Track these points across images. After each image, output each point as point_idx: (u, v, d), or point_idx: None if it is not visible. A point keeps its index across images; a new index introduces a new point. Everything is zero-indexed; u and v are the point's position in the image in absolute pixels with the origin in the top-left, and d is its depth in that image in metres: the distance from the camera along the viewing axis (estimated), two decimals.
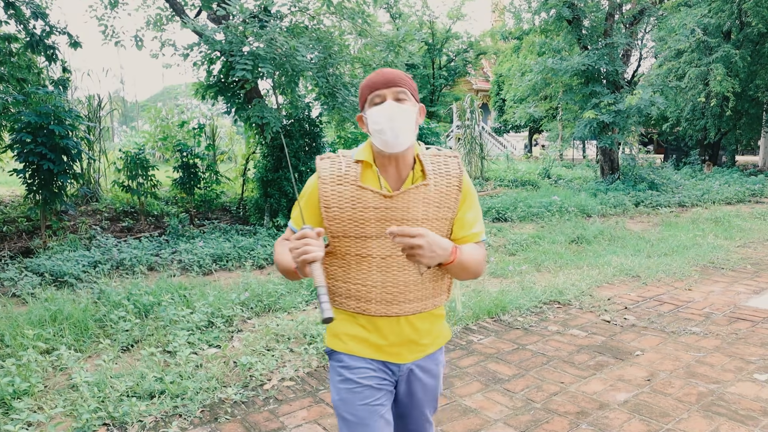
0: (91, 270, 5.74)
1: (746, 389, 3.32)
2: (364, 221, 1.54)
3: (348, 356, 1.62)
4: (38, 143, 6.58)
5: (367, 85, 1.54)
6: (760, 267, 6.45)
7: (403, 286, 1.58)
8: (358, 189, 1.54)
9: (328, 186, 1.56)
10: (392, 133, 1.47)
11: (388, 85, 1.51)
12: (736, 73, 16.44)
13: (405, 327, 1.62)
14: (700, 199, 12.22)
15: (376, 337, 1.61)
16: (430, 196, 1.56)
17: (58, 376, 3.47)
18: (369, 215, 1.54)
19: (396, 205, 1.54)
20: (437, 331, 1.70)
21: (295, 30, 7.93)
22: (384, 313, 1.59)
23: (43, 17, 8.01)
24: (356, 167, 1.57)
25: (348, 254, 1.58)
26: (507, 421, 3.00)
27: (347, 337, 1.63)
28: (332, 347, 1.66)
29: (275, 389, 3.38)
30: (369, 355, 1.61)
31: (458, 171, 1.62)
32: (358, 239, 1.56)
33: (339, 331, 1.65)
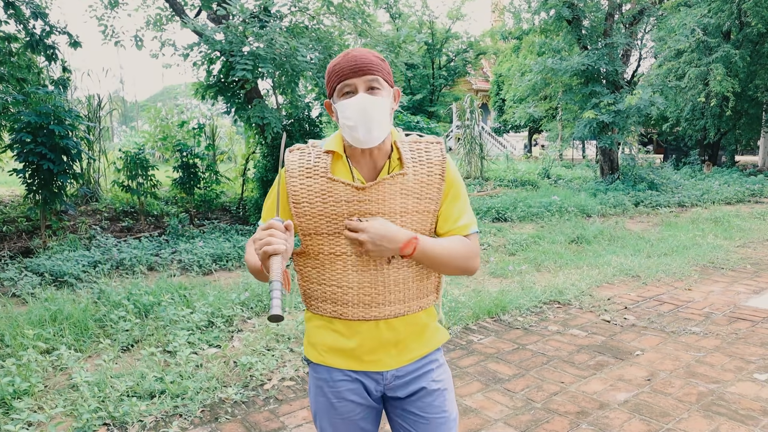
0: (91, 270, 5.74)
1: (746, 389, 3.33)
2: (336, 216, 1.41)
3: (325, 368, 1.51)
4: (38, 143, 6.58)
5: (334, 72, 1.38)
6: (759, 267, 6.45)
7: (383, 287, 1.44)
8: (328, 181, 1.41)
9: (296, 180, 1.43)
10: (364, 129, 1.34)
11: (359, 73, 1.35)
12: (736, 73, 16.45)
13: (385, 332, 1.46)
14: (700, 199, 12.23)
15: (354, 344, 1.46)
16: (408, 186, 1.42)
17: (58, 375, 3.47)
18: (341, 209, 1.40)
19: (370, 198, 1.40)
20: (426, 335, 1.53)
21: (295, 30, 7.93)
22: (362, 316, 1.45)
23: (42, 17, 8.01)
24: (326, 158, 1.43)
25: (321, 253, 1.45)
26: (507, 420, 3.00)
27: (324, 348, 1.51)
28: (309, 357, 1.55)
29: (275, 389, 3.38)
30: (347, 367, 1.48)
31: (440, 158, 1.46)
32: (331, 236, 1.42)
33: (315, 341, 1.53)
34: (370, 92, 1.36)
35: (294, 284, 4.74)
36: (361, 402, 1.51)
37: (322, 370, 1.52)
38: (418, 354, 1.51)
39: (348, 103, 1.35)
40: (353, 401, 1.50)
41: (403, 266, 1.45)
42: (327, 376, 1.51)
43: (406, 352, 1.50)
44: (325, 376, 1.51)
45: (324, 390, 1.51)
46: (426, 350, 1.53)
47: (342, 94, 1.38)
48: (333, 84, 1.39)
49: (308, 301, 1.53)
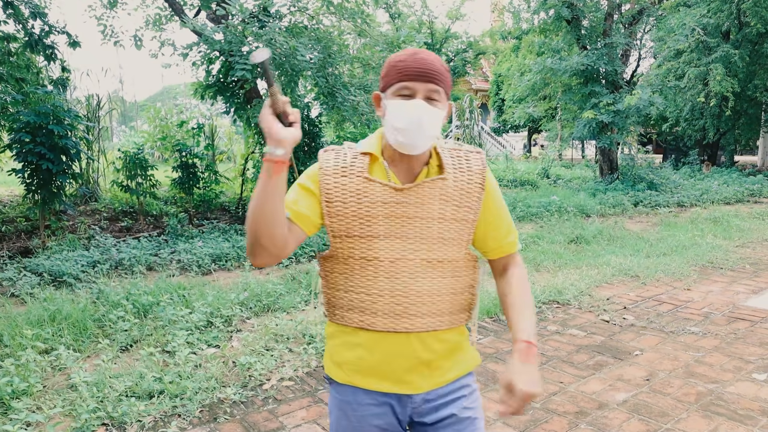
0: (90, 270, 5.74)
1: (745, 389, 3.33)
2: (370, 218, 1.34)
3: (351, 389, 1.41)
4: (37, 143, 6.58)
5: (397, 69, 1.29)
6: (758, 267, 6.45)
7: (415, 297, 1.36)
8: (365, 181, 1.34)
9: (330, 177, 1.36)
10: (411, 138, 1.29)
11: (423, 79, 1.27)
12: (735, 73, 16.45)
13: (417, 347, 1.37)
14: (699, 199, 12.23)
15: (383, 360, 1.37)
16: (448, 192, 1.36)
17: (56, 376, 3.47)
18: (377, 211, 1.34)
19: (408, 200, 1.34)
20: (459, 355, 1.44)
21: (294, 30, 7.93)
22: (392, 327, 1.35)
23: (41, 17, 8.01)
24: (363, 159, 1.37)
25: (351, 257, 1.37)
26: (506, 420, 3.00)
27: (350, 367, 1.40)
28: (332, 376, 1.45)
29: (274, 389, 3.37)
30: (376, 388, 1.39)
31: (481, 167, 1.42)
32: (364, 239, 1.35)
33: (340, 359, 1.42)
34: (428, 101, 1.29)
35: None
36: (386, 427, 1.41)
37: (346, 392, 1.42)
38: (450, 377, 1.42)
39: (403, 105, 1.28)
40: (378, 426, 1.41)
41: (437, 276, 1.38)
42: (352, 399, 1.41)
43: (438, 373, 1.40)
44: (350, 399, 1.42)
45: (347, 413, 1.42)
46: (458, 373, 1.44)
47: (398, 94, 1.30)
48: (391, 81, 1.30)
49: (332, 310, 1.43)
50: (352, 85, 8.44)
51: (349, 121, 8.81)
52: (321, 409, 3.15)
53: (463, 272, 1.43)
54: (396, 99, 1.29)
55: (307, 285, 5.34)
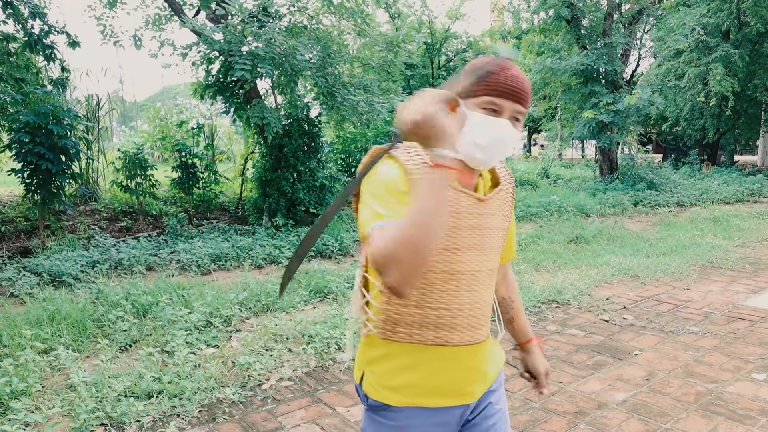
0: (89, 270, 5.73)
1: (744, 389, 3.32)
2: (455, 229, 1.27)
3: (409, 411, 1.31)
4: (36, 143, 6.58)
5: (487, 83, 1.22)
6: (758, 266, 6.45)
7: (486, 307, 1.36)
8: (452, 190, 1.26)
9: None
10: (490, 156, 1.25)
11: (515, 98, 1.23)
12: (735, 72, 16.45)
13: (482, 356, 1.37)
14: (699, 199, 12.23)
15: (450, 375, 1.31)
16: (501, 203, 1.40)
17: (55, 376, 3.47)
18: (462, 222, 1.28)
19: (487, 211, 1.32)
20: (497, 353, 1.48)
21: (293, 30, 7.93)
22: (468, 341, 1.31)
23: (41, 17, 8.00)
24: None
25: (432, 271, 1.27)
26: None
27: (410, 390, 1.30)
28: (386, 402, 1.31)
29: (273, 389, 3.37)
30: (439, 404, 1.32)
31: (511, 177, 1.45)
32: (449, 252, 1.27)
33: (397, 383, 1.30)
34: (513, 122, 1.25)
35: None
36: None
37: (403, 415, 1.31)
38: (494, 376, 1.44)
39: (489, 121, 1.22)
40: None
41: (493, 284, 1.40)
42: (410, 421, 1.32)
43: (489, 377, 1.42)
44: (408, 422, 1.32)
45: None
46: (497, 370, 1.47)
47: (484, 108, 1.23)
48: (478, 92, 1.23)
49: (393, 328, 1.30)
50: (352, 84, 8.43)
51: (349, 121, 8.81)
52: (320, 409, 3.14)
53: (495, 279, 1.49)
54: (481, 111, 1.23)
55: (306, 285, 5.34)
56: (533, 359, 1.62)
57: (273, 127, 7.60)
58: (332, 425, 2.96)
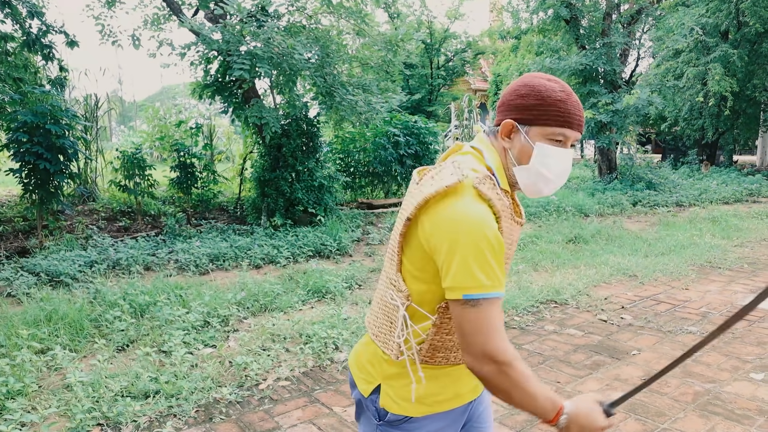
0: (87, 270, 5.72)
1: (742, 388, 3.32)
2: (509, 259, 1.28)
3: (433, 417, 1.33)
4: (35, 143, 6.57)
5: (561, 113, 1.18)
6: (756, 266, 6.45)
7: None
8: (513, 224, 1.25)
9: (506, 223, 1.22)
10: (554, 188, 1.24)
11: (580, 129, 1.21)
12: (734, 72, 16.45)
13: None
14: (698, 199, 12.23)
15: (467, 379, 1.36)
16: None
17: (52, 376, 3.46)
18: (511, 251, 1.28)
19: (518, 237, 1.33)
20: None
21: (292, 29, 7.92)
22: None
23: (39, 16, 8.00)
24: (505, 195, 1.24)
25: None
26: (503, 420, 2.99)
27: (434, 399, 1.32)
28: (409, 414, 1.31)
29: (270, 389, 3.37)
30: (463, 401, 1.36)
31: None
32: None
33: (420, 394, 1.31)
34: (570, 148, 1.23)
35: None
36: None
37: (428, 422, 1.32)
38: None
39: (557, 153, 1.20)
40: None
41: None
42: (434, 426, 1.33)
43: None
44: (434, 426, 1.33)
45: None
46: None
47: (552, 140, 1.20)
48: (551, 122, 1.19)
49: (433, 354, 1.29)
50: (351, 84, 8.43)
51: (348, 121, 8.80)
52: (317, 409, 3.14)
53: None
54: (550, 145, 1.19)
55: (304, 285, 5.33)
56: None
57: (271, 127, 7.59)
58: (329, 425, 2.96)
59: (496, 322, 1.13)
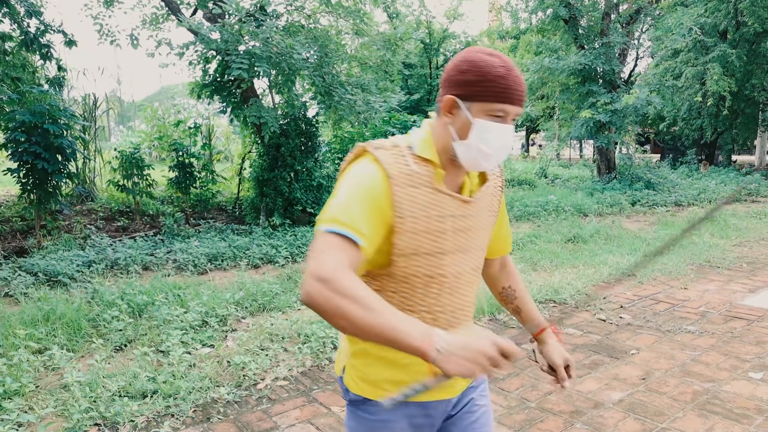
0: (85, 270, 5.71)
1: (741, 388, 3.32)
2: (441, 234, 1.24)
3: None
4: (33, 142, 6.55)
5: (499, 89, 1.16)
6: (755, 266, 6.45)
7: (469, 308, 1.35)
8: (434, 192, 1.22)
9: (401, 189, 1.18)
10: (492, 163, 1.22)
11: (520, 103, 1.18)
12: (733, 72, 16.47)
13: None
14: (697, 199, 12.23)
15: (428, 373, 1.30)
16: (487, 200, 1.35)
17: (49, 376, 3.45)
18: (447, 226, 1.24)
19: (472, 213, 1.28)
20: None
21: (291, 29, 7.91)
22: None
23: (37, 15, 7.98)
24: (425, 165, 1.23)
25: (415, 276, 1.24)
26: (501, 420, 2.98)
27: (390, 384, 1.30)
28: (367, 396, 1.32)
29: (268, 389, 3.36)
30: (422, 398, 1.33)
31: (500, 170, 1.41)
32: (432, 256, 1.24)
33: (377, 377, 1.30)
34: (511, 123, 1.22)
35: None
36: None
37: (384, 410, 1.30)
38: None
39: (496, 129, 1.18)
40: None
41: (476, 283, 1.38)
42: (391, 416, 1.31)
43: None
44: (388, 416, 1.31)
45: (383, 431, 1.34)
46: None
47: (491, 115, 1.18)
48: (487, 97, 1.16)
49: None
50: (350, 84, 8.42)
51: (346, 120, 8.79)
52: (315, 408, 3.13)
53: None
54: (488, 120, 1.17)
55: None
56: (548, 351, 1.54)
57: (270, 127, 7.58)
58: (327, 425, 2.95)
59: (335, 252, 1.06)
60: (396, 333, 1.00)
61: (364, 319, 1.00)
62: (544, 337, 1.55)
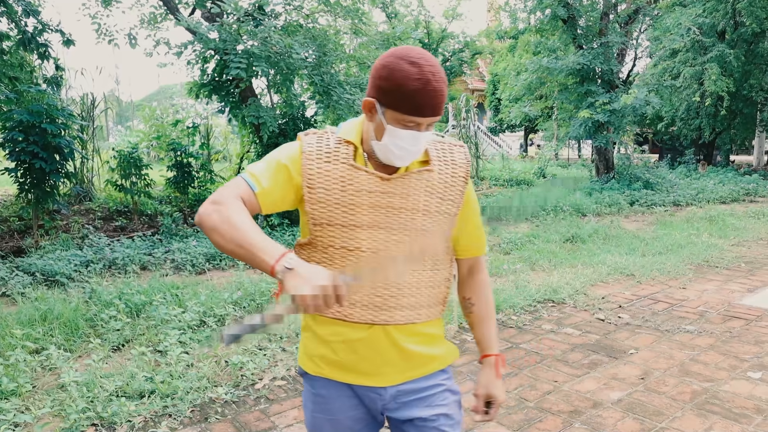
0: (83, 269, 5.70)
1: (740, 387, 3.31)
2: (354, 207, 1.30)
3: (324, 382, 1.41)
4: (30, 142, 6.54)
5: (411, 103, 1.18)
6: (754, 265, 6.45)
7: (396, 289, 1.34)
8: (350, 168, 1.30)
9: (313, 163, 1.30)
10: (404, 161, 1.29)
11: (433, 113, 1.22)
12: (731, 72, 16.48)
13: (394, 339, 1.36)
14: (695, 198, 12.24)
15: (357, 352, 1.36)
16: (433, 184, 1.35)
17: (46, 376, 3.43)
18: (361, 200, 1.30)
19: (394, 191, 1.31)
20: (433, 349, 1.43)
21: (289, 28, 7.91)
22: (370, 319, 1.33)
23: (35, 14, 7.96)
24: (347, 146, 1.32)
25: (332, 246, 1.33)
26: (500, 420, 2.97)
27: (322, 360, 1.39)
28: (306, 369, 1.44)
29: (266, 389, 3.35)
30: (347, 380, 1.38)
31: (465, 161, 1.41)
32: (346, 228, 1.31)
33: (314, 352, 1.41)
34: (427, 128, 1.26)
35: None
36: (362, 417, 1.43)
37: (319, 384, 1.42)
38: (423, 371, 1.41)
39: (408, 136, 1.23)
40: (353, 417, 1.42)
41: (418, 269, 1.38)
42: (325, 391, 1.41)
43: (411, 365, 1.39)
44: (323, 392, 1.41)
45: (321, 406, 1.42)
46: (432, 368, 1.43)
47: (402, 123, 1.22)
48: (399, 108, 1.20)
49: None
50: (348, 83, 8.41)
51: (345, 120, 8.79)
52: None
53: (442, 266, 1.43)
54: (398, 128, 1.23)
55: None
56: (479, 378, 1.53)
57: (269, 126, 7.58)
58: None
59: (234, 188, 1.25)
60: (253, 247, 1.13)
61: (230, 234, 1.15)
62: (484, 363, 1.54)
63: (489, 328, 1.54)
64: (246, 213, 1.21)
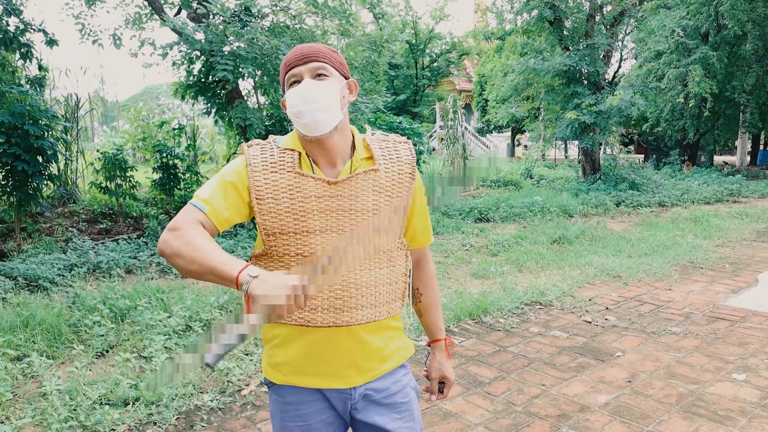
0: (66, 273, 5.61)
1: (725, 389, 3.34)
2: (305, 213, 1.33)
3: (291, 389, 1.43)
4: (12, 144, 6.43)
5: (283, 65, 1.37)
6: (738, 266, 6.52)
7: (354, 290, 1.36)
8: (296, 176, 1.34)
9: (260, 174, 1.34)
10: (310, 116, 1.30)
11: (305, 61, 1.32)
12: (714, 74, 16.68)
13: (357, 339, 1.40)
14: (680, 199, 12.37)
15: (321, 356, 1.39)
16: (380, 183, 1.38)
17: (28, 384, 3.37)
18: (311, 206, 1.33)
19: (342, 193, 1.34)
20: (394, 345, 1.48)
21: (276, 29, 7.85)
22: (333, 322, 1.36)
23: (17, 14, 7.83)
24: (291, 154, 1.37)
25: (287, 254, 1.35)
26: (488, 425, 2.97)
27: (287, 368, 1.42)
28: (271, 379, 1.45)
29: (253, 395, 3.31)
30: (314, 384, 1.41)
31: (410, 157, 1.44)
32: (299, 235, 1.34)
33: (277, 360, 1.43)
34: (317, 79, 1.34)
35: None
36: (332, 421, 1.45)
37: (287, 392, 1.43)
38: (385, 368, 1.45)
39: (293, 91, 1.33)
40: (324, 421, 1.44)
41: (374, 268, 1.40)
42: (293, 399, 1.42)
43: (374, 365, 1.43)
44: (292, 399, 1.42)
45: (292, 414, 1.43)
46: (393, 365, 1.47)
47: (290, 84, 1.35)
48: (283, 77, 1.37)
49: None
50: None
51: None
52: None
53: (397, 261, 1.45)
54: (288, 90, 1.35)
55: None
56: (431, 361, 1.63)
57: (255, 128, 7.52)
58: None
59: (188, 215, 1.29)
60: (215, 264, 1.18)
61: (191, 255, 1.20)
62: (434, 347, 1.63)
63: (437, 315, 1.62)
64: (205, 234, 1.25)
